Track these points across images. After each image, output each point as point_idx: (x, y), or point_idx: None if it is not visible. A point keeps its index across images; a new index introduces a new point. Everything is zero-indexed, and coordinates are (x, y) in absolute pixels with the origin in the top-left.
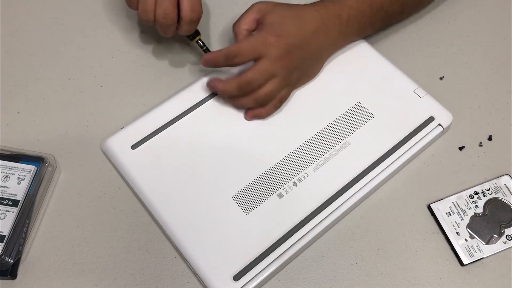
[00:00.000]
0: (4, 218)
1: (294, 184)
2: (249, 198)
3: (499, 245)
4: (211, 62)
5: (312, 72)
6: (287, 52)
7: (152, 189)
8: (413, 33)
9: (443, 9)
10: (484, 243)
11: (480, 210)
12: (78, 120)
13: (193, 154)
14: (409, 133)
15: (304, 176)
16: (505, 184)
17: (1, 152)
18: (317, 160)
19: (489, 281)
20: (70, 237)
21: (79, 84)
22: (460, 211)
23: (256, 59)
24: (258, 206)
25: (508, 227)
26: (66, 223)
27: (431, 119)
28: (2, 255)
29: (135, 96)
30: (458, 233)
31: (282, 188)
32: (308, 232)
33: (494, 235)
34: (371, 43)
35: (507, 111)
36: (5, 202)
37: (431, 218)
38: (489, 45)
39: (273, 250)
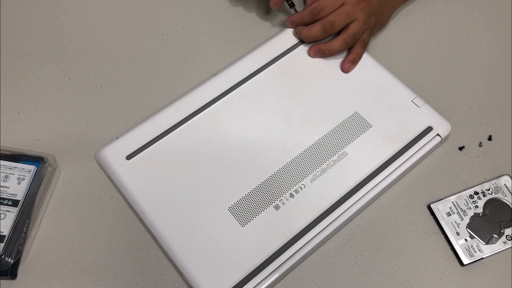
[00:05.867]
0: (4, 218)
1: (291, 195)
2: (245, 210)
3: (499, 245)
4: (297, 20)
5: (384, 19)
6: None
7: (147, 200)
8: (413, 33)
9: (443, 9)
10: (484, 243)
11: (480, 210)
12: (78, 120)
13: (188, 165)
14: (407, 143)
15: (301, 187)
16: (505, 184)
17: (1, 152)
18: (314, 171)
19: (489, 281)
20: (70, 237)
21: (79, 84)
22: (460, 211)
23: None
24: (254, 218)
25: (508, 227)
26: (66, 223)
27: (429, 129)
28: (2, 255)
29: (135, 96)
30: (458, 233)
31: (278, 199)
32: (305, 244)
33: (494, 235)
34: (370, 48)
35: (507, 111)
36: (5, 202)
37: (431, 218)
38: (489, 45)
39: (270, 263)
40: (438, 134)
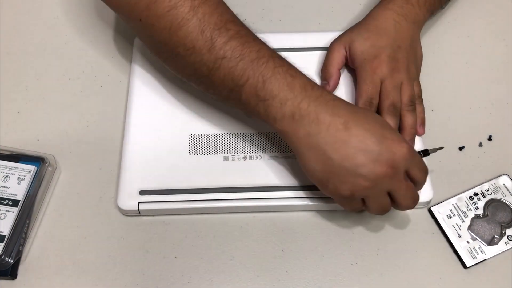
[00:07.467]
0: (4, 218)
1: (244, 157)
2: (200, 143)
3: (501, 246)
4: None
5: (419, 54)
6: (395, 60)
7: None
8: None
9: (443, 9)
10: (486, 245)
11: (480, 211)
12: (78, 120)
13: (179, 88)
14: None
15: (256, 157)
16: (504, 184)
17: (1, 152)
18: (276, 153)
19: (490, 281)
20: (70, 237)
21: (79, 84)
22: (460, 213)
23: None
24: (202, 154)
25: (509, 227)
26: (66, 223)
27: None
28: (2, 255)
29: None
30: (459, 235)
31: (231, 153)
32: (228, 200)
33: (496, 236)
34: None
35: (507, 111)
36: (5, 202)
37: (432, 220)
38: (489, 45)
39: (189, 193)
40: None
